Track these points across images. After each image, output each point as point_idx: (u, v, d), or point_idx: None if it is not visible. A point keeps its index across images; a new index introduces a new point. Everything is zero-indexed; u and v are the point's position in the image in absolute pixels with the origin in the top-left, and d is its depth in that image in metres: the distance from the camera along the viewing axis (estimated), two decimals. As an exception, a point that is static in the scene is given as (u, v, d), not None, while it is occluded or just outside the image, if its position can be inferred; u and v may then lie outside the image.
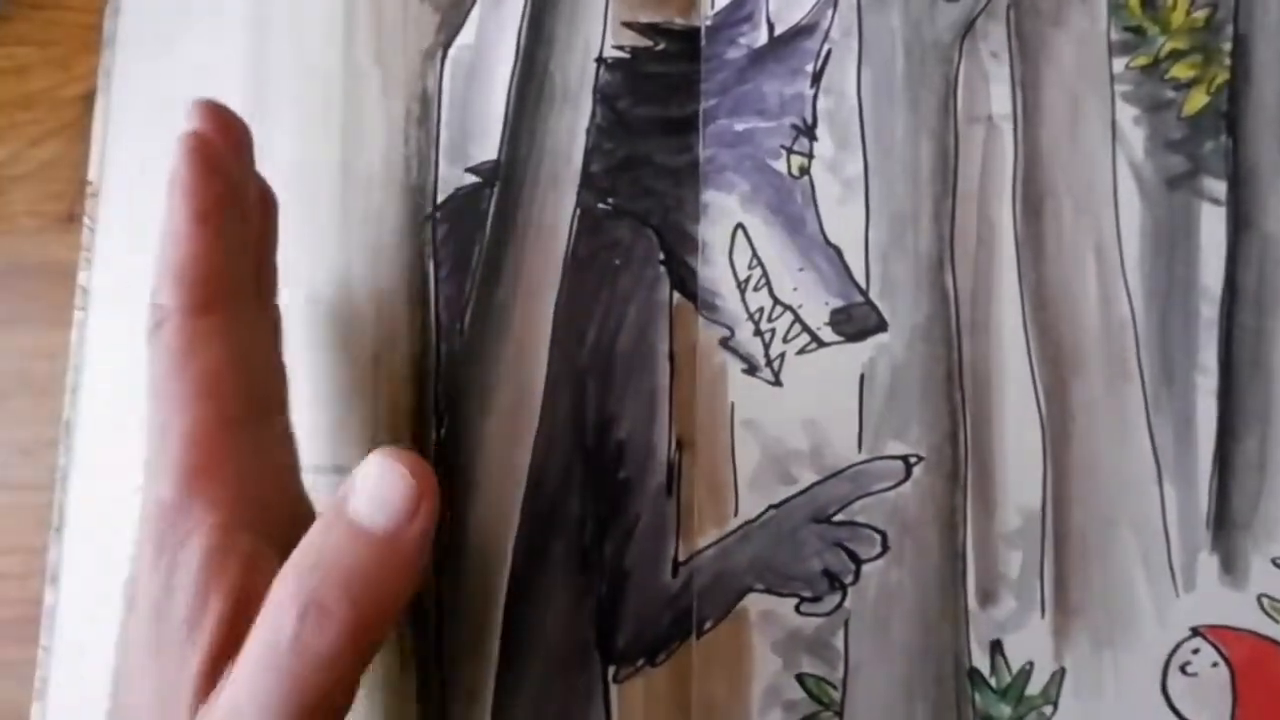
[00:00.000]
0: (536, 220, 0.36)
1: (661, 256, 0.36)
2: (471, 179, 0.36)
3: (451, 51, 0.37)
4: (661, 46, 0.37)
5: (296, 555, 0.26)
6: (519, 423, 0.35)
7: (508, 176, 0.36)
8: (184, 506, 0.27)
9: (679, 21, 0.37)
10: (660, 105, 0.37)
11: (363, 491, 0.26)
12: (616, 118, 0.36)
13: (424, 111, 0.37)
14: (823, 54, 0.37)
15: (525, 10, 0.37)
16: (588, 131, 0.36)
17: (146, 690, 0.26)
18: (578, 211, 0.36)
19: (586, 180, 0.36)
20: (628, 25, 0.37)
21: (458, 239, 0.36)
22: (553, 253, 0.36)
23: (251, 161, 0.31)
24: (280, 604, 0.26)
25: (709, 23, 0.37)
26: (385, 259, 0.36)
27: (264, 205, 0.33)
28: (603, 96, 0.36)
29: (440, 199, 0.36)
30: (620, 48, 0.37)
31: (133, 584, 0.28)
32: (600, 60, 0.37)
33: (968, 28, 0.37)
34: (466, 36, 0.37)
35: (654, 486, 0.35)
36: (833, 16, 0.37)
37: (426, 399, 0.35)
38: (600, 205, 0.36)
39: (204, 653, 0.26)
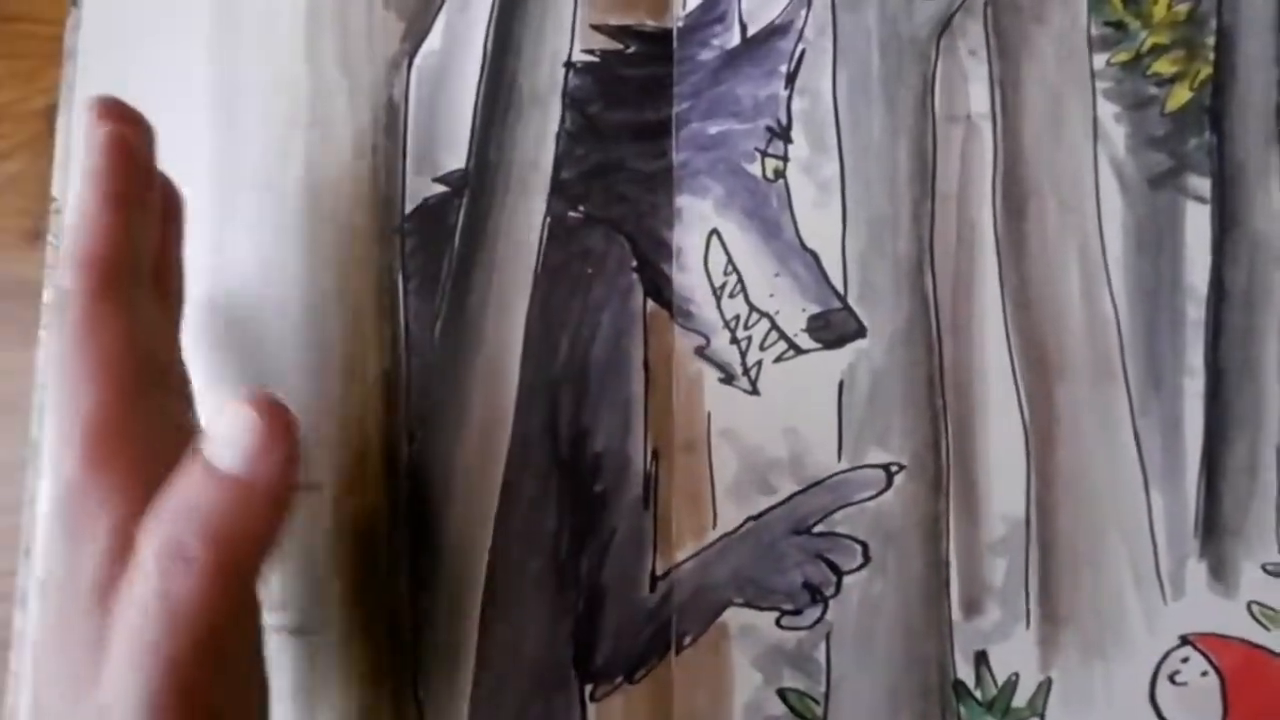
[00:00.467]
0: (506, 230, 0.35)
1: (635, 264, 0.35)
2: (440, 189, 0.36)
3: (418, 59, 0.36)
4: (632, 49, 0.36)
5: (157, 504, 0.26)
6: (492, 437, 0.34)
7: (476, 185, 0.35)
8: (89, 484, 0.26)
9: (650, 23, 0.36)
10: (632, 109, 0.36)
11: (216, 435, 0.27)
12: (587, 123, 0.36)
13: (391, 121, 0.36)
14: (797, 54, 0.36)
15: (492, 15, 0.36)
16: (557, 138, 0.36)
17: (59, 665, 0.26)
18: (548, 220, 0.35)
19: (557, 187, 0.35)
20: (597, 28, 0.36)
21: (427, 251, 0.35)
22: (523, 263, 0.35)
23: (155, 157, 0.32)
24: (143, 554, 0.26)
25: (681, 24, 0.36)
26: (354, 272, 0.36)
27: (167, 200, 0.33)
28: (572, 101, 0.36)
29: (408, 210, 0.36)
30: (590, 51, 0.36)
31: (43, 569, 0.28)
32: (569, 65, 0.36)
33: (945, 25, 0.36)
34: (432, 43, 0.36)
35: (631, 499, 0.34)
36: (807, 16, 0.36)
37: (398, 414, 0.34)
38: (571, 213, 0.35)
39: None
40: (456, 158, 0.36)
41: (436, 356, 0.35)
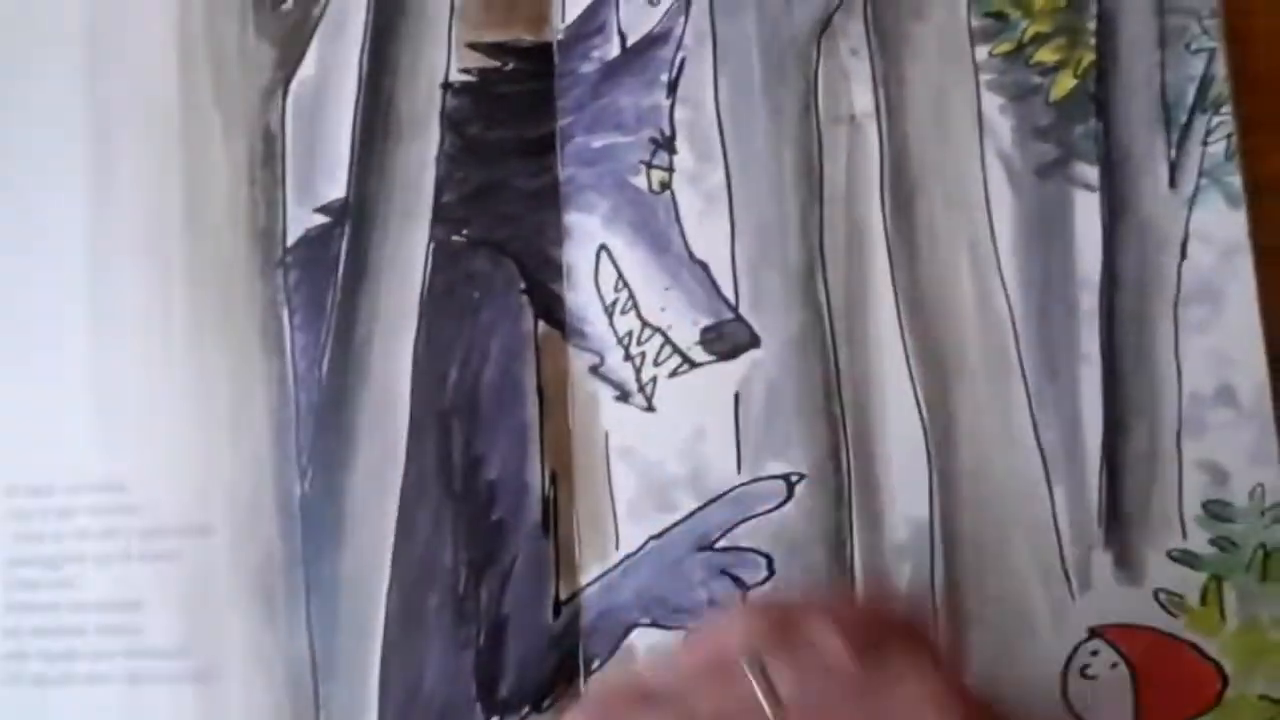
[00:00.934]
0: (390, 257, 0.35)
1: (523, 285, 0.34)
2: (321, 219, 0.35)
3: (293, 86, 0.36)
4: (511, 66, 0.35)
5: None
6: (384, 471, 0.33)
7: (358, 214, 0.35)
8: None
9: (528, 38, 0.36)
10: (514, 127, 0.35)
11: None
12: (467, 144, 0.35)
13: (268, 151, 0.35)
14: (677, 62, 0.35)
15: (365, 39, 0.36)
16: (438, 161, 0.35)
17: None
18: (432, 245, 0.35)
19: (439, 212, 0.35)
20: (474, 46, 0.35)
21: (310, 283, 0.34)
22: (408, 290, 0.34)
23: None
24: None
25: (560, 37, 0.36)
26: (237, 308, 0.35)
27: None
28: (451, 123, 0.35)
29: (290, 242, 0.35)
30: (467, 71, 0.35)
31: None
32: (446, 85, 0.35)
33: (825, 25, 0.35)
34: (306, 70, 0.36)
35: (530, 525, 0.34)
36: (685, 23, 0.36)
37: (288, 452, 0.34)
38: (455, 237, 0.35)
39: None
40: (337, 186, 0.35)
41: (324, 392, 0.34)
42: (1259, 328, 0.34)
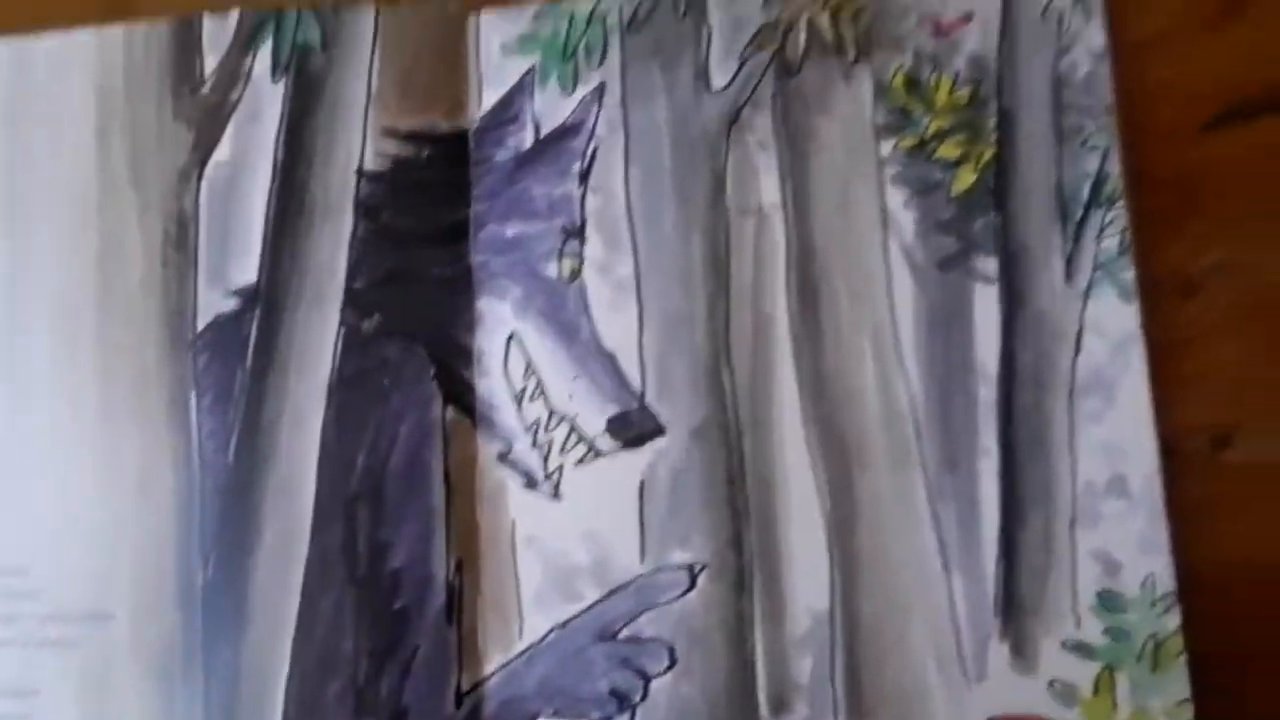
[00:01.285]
0: (300, 342, 0.35)
1: (433, 371, 0.35)
2: (233, 303, 0.35)
3: (208, 169, 0.36)
4: (426, 153, 0.36)
5: None
6: (287, 557, 0.33)
7: (269, 298, 0.35)
8: None
9: (444, 125, 0.36)
10: (427, 214, 0.36)
11: None
12: (380, 230, 0.35)
13: (181, 233, 0.35)
14: (589, 152, 0.36)
15: (282, 124, 0.36)
16: (350, 246, 0.35)
17: None
18: (342, 330, 0.35)
19: (350, 298, 0.35)
20: (389, 133, 0.36)
21: (220, 366, 0.35)
22: (317, 376, 0.34)
23: None
24: None
25: (476, 125, 0.36)
26: (147, 388, 0.35)
27: None
28: (365, 209, 0.35)
29: (201, 324, 0.35)
30: (382, 157, 0.36)
31: None
32: (360, 172, 0.36)
33: (734, 118, 0.36)
34: (222, 153, 0.36)
35: (433, 614, 0.34)
36: (598, 113, 0.36)
37: (191, 537, 0.34)
38: (366, 323, 0.35)
39: None
40: (249, 270, 0.35)
41: (231, 476, 0.34)
42: (1150, 419, 0.35)
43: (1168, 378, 0.36)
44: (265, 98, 0.36)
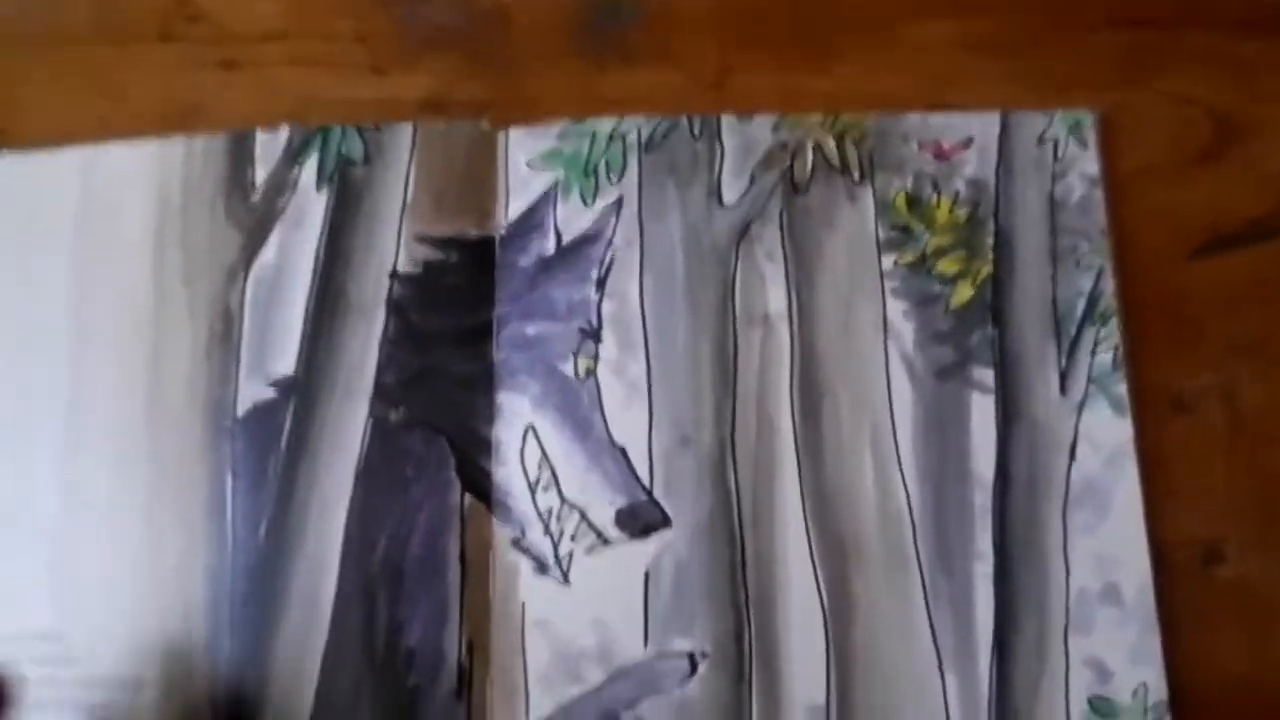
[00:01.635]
0: (331, 432, 0.37)
1: (454, 462, 0.37)
2: (270, 393, 0.38)
3: (254, 269, 0.39)
4: (455, 259, 0.39)
5: None
6: (308, 636, 0.35)
7: (304, 389, 0.37)
8: None
9: (473, 232, 0.39)
10: (453, 315, 0.38)
11: None
12: (409, 330, 0.38)
13: (226, 329, 0.38)
14: (607, 260, 0.39)
15: (324, 228, 0.39)
16: (381, 344, 0.38)
17: None
18: (370, 422, 0.37)
19: (379, 391, 0.37)
20: (422, 239, 0.39)
21: (256, 452, 0.37)
22: (345, 465, 0.37)
23: None
24: None
25: (503, 233, 0.39)
26: (189, 470, 0.37)
27: None
28: (396, 309, 0.38)
29: (240, 413, 0.37)
30: (414, 262, 0.39)
31: None
32: (394, 275, 0.39)
33: (743, 232, 0.39)
34: (268, 255, 0.39)
35: (444, 692, 0.35)
36: (615, 225, 0.39)
37: (221, 614, 0.36)
38: (393, 415, 0.37)
39: None
40: (287, 363, 0.38)
41: (260, 554, 0.36)
42: (1143, 530, 0.36)
43: (1160, 490, 0.37)
44: (310, 205, 0.39)
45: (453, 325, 0.38)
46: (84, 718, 0.35)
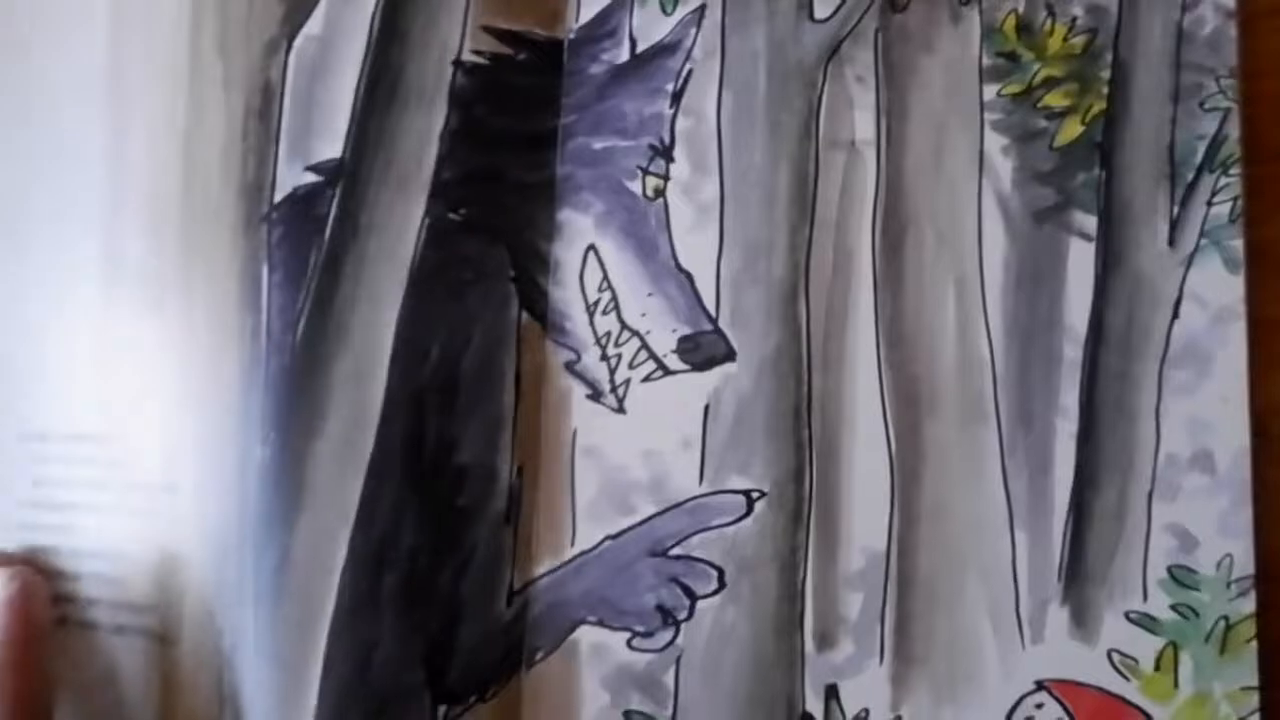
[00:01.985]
0: (381, 226, 0.35)
1: (513, 274, 0.35)
2: (311, 178, 0.35)
3: (297, 42, 0.36)
4: (522, 56, 0.36)
5: None
6: (352, 445, 0.33)
7: (351, 177, 0.35)
8: None
9: (540, 32, 0.36)
10: (517, 117, 0.36)
11: None
12: (472, 125, 0.35)
13: (265, 105, 0.35)
14: (683, 74, 0.36)
15: (378, 3, 0.36)
16: (441, 137, 0.35)
17: None
18: (426, 220, 0.35)
19: (437, 188, 0.35)
20: (488, 30, 0.36)
21: (293, 242, 0.35)
22: (397, 262, 0.34)
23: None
24: None
25: (572, 36, 0.36)
26: (220, 259, 0.35)
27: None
28: (459, 101, 0.35)
29: (277, 198, 0.35)
30: (479, 53, 0.36)
31: None
32: (458, 63, 0.35)
33: (833, 51, 0.35)
34: (313, 27, 0.35)
35: (493, 514, 0.34)
36: (695, 35, 0.36)
37: (252, 413, 0.34)
38: (451, 215, 0.35)
39: None
40: (332, 147, 0.35)
41: (297, 357, 0.34)
42: (1245, 397, 0.33)
43: (1266, 356, 0.34)
44: (362, -24, 0.36)
45: (518, 128, 0.35)
46: (131, 521, 0.35)
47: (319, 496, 0.33)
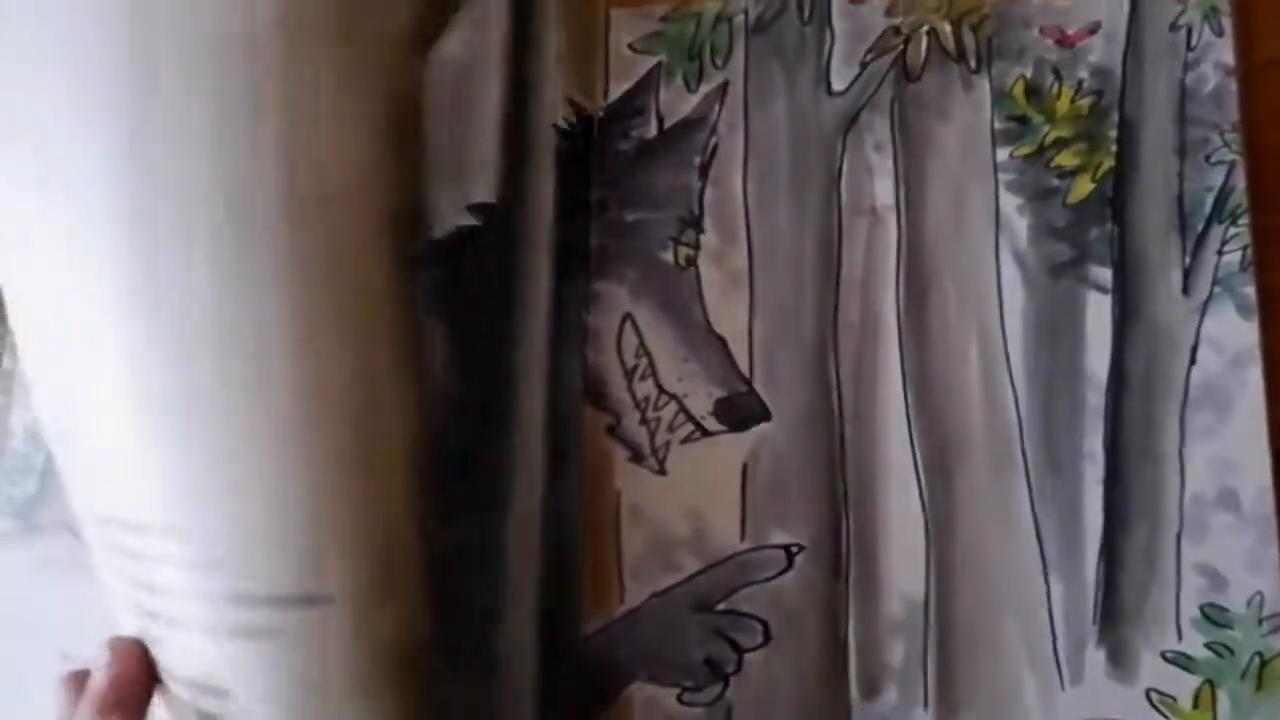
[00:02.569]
0: (531, 280, 0.34)
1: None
2: (469, 219, 0.31)
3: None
4: (580, 129, 0.37)
5: None
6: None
7: (503, 226, 0.34)
8: None
9: (578, 99, 0.38)
10: (583, 186, 0.37)
11: None
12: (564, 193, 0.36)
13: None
14: (710, 147, 0.38)
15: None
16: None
17: None
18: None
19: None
20: (570, 101, 0.37)
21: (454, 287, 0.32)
22: (539, 323, 0.34)
23: None
24: None
25: (602, 113, 0.38)
26: (361, 310, 0.30)
27: None
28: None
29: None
30: (567, 120, 0.37)
31: None
32: (555, 127, 0.36)
33: (852, 121, 0.37)
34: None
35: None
36: (720, 110, 0.38)
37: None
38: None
39: None
40: (484, 189, 0.33)
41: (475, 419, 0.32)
42: (1265, 436, 0.34)
43: (1285, 396, 0.35)
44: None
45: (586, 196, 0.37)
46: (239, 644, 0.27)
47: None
